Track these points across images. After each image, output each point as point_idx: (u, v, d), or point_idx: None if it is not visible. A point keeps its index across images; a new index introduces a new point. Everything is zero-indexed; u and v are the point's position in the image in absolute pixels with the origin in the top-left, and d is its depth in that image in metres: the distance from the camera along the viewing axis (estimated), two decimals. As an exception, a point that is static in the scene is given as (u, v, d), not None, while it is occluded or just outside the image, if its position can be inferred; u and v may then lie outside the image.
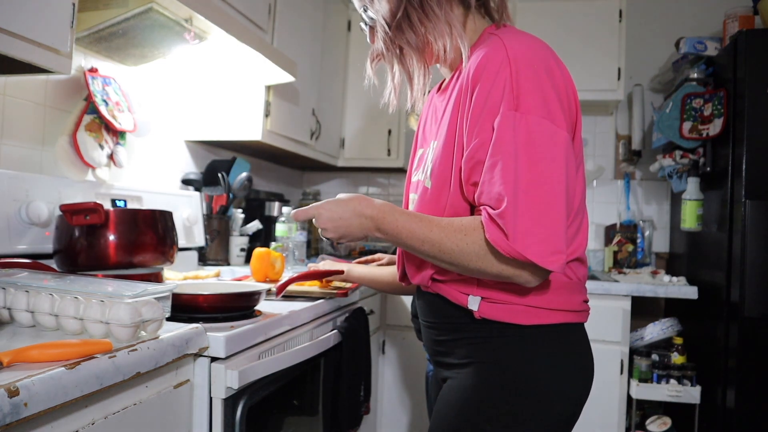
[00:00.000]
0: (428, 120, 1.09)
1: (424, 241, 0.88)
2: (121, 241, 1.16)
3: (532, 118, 0.82)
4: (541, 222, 0.80)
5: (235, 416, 1.01)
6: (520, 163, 0.81)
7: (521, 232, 0.79)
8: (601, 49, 2.54)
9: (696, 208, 2.26)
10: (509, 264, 0.83)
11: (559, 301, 0.92)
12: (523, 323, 0.90)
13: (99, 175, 1.62)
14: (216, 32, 1.48)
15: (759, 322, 1.90)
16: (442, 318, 0.99)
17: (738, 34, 2.03)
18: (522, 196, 0.80)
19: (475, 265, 0.85)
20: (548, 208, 0.80)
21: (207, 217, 2.03)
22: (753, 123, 1.95)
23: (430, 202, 0.96)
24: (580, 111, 0.92)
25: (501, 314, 0.91)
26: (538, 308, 0.90)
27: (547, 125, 0.82)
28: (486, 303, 0.91)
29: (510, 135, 0.82)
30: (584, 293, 0.98)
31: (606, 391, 2.15)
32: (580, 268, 0.97)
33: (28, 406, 0.61)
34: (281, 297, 1.36)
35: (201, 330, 0.95)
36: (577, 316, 0.96)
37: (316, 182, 3.30)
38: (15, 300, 0.88)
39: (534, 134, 0.82)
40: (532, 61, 0.85)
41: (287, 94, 2.19)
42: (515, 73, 0.83)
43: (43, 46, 1.03)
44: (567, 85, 0.88)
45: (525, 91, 0.83)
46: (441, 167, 0.94)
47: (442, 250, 0.87)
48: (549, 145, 0.82)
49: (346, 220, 0.94)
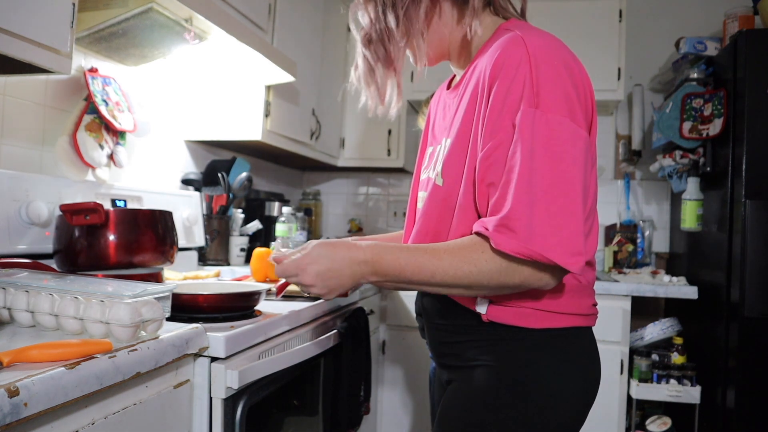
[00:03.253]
0: (437, 117, 1.07)
1: (434, 273, 0.83)
2: (121, 241, 1.16)
3: (553, 117, 0.79)
4: (561, 223, 0.77)
5: (235, 416, 1.01)
6: (538, 164, 0.78)
7: (540, 234, 0.76)
8: (601, 49, 2.54)
9: (696, 208, 2.26)
10: (531, 269, 0.79)
11: (569, 304, 0.90)
12: (532, 327, 0.88)
13: (99, 175, 1.62)
14: (216, 32, 1.48)
15: (759, 322, 1.90)
16: (449, 320, 0.97)
17: (738, 34, 2.03)
18: (541, 196, 0.77)
19: (496, 282, 0.81)
20: (568, 209, 0.78)
21: (207, 217, 2.03)
22: (753, 123, 1.95)
23: (443, 200, 0.92)
24: (596, 110, 0.90)
25: (510, 317, 0.89)
26: (547, 312, 0.88)
27: (567, 123, 0.80)
28: (494, 306, 0.89)
29: (529, 133, 0.79)
30: (593, 296, 0.97)
31: (606, 391, 2.15)
32: (590, 271, 0.95)
33: (28, 406, 0.61)
34: (281, 297, 1.36)
35: (201, 330, 0.95)
36: (586, 320, 0.94)
37: (316, 182, 3.30)
38: (15, 300, 0.88)
39: (555, 133, 0.79)
40: (551, 57, 0.82)
41: (287, 94, 2.19)
42: (535, 69, 0.80)
43: (43, 46, 1.03)
44: (585, 84, 0.86)
45: (546, 89, 0.80)
46: (454, 165, 0.90)
47: (458, 276, 0.82)
48: (569, 144, 0.79)
49: (336, 272, 0.86)
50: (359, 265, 0.86)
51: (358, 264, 0.86)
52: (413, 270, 0.83)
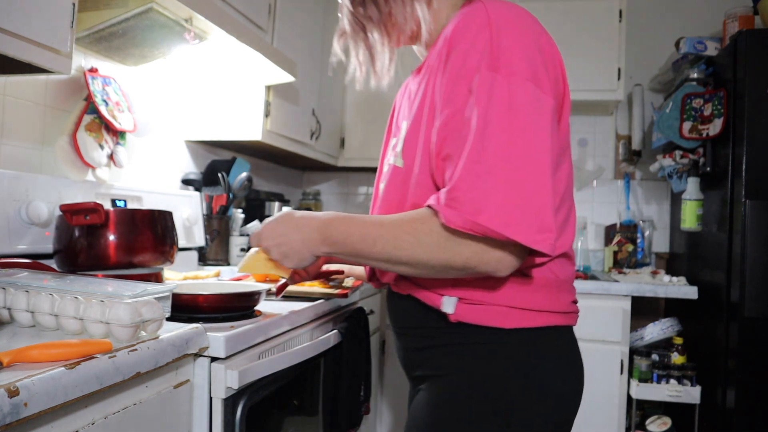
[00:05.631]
0: (403, 106, 1.00)
1: (376, 240, 0.77)
2: (121, 241, 1.16)
3: (515, 80, 0.71)
4: (524, 194, 0.68)
5: (235, 416, 1.01)
6: (495, 130, 0.70)
7: (494, 207, 0.68)
8: (601, 49, 2.55)
9: (696, 208, 2.26)
10: (478, 247, 0.71)
11: (545, 301, 0.82)
12: (504, 326, 0.80)
13: (99, 175, 1.62)
14: (216, 32, 1.48)
15: (759, 322, 1.90)
16: (414, 323, 0.89)
17: (738, 34, 2.03)
18: (498, 166, 0.69)
19: (437, 259, 0.73)
20: (532, 180, 0.69)
21: (207, 217, 2.03)
22: (753, 123, 1.95)
23: (404, 182, 0.85)
24: (569, 92, 0.82)
25: (479, 317, 0.80)
26: (521, 309, 0.80)
27: (531, 88, 0.72)
28: (463, 304, 0.81)
29: (485, 98, 0.71)
30: (572, 293, 0.88)
31: (606, 391, 2.15)
32: (567, 265, 0.87)
33: (28, 406, 0.61)
34: (281, 297, 1.36)
35: (201, 330, 0.95)
36: (565, 318, 0.85)
37: (316, 182, 3.30)
38: (15, 300, 0.88)
39: (516, 97, 0.71)
40: (515, 23, 0.75)
41: (287, 94, 2.19)
42: (496, 33, 0.73)
43: (43, 46, 1.03)
44: (554, 56, 0.78)
45: (507, 52, 0.72)
46: (413, 143, 0.84)
47: (398, 246, 0.75)
48: (533, 110, 0.71)
49: (286, 236, 0.85)
50: (311, 231, 0.83)
51: (310, 229, 0.83)
52: (358, 237, 0.79)
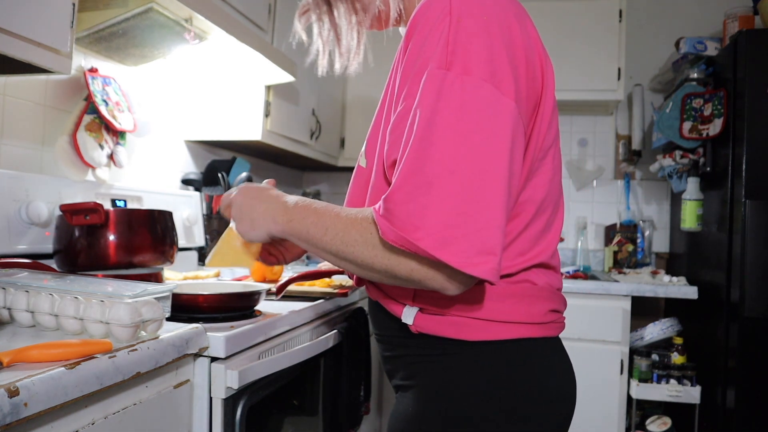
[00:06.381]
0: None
1: (328, 229, 0.71)
2: (121, 241, 1.16)
3: (470, 80, 0.63)
4: (465, 212, 0.61)
5: (235, 416, 1.01)
6: (438, 136, 0.63)
7: (424, 223, 0.61)
8: (601, 49, 2.55)
9: (696, 208, 2.26)
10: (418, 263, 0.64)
11: (515, 311, 0.74)
12: (466, 338, 0.73)
13: (99, 175, 1.62)
14: (216, 32, 1.48)
15: (759, 322, 1.90)
16: (384, 331, 0.84)
17: (738, 34, 2.03)
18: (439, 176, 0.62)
19: (381, 265, 0.67)
20: (477, 194, 0.61)
21: (207, 217, 2.03)
22: (753, 123, 1.95)
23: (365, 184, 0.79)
24: (552, 84, 0.75)
25: (441, 328, 0.74)
26: (484, 320, 0.73)
27: (487, 90, 0.63)
28: (423, 315, 0.75)
29: (431, 100, 0.64)
30: (554, 301, 0.78)
31: (606, 391, 2.15)
32: (546, 273, 0.78)
33: (28, 406, 0.61)
34: (281, 297, 1.36)
35: (201, 330, 0.95)
36: (542, 329, 0.76)
37: (316, 182, 3.30)
38: (15, 300, 0.88)
39: (468, 100, 0.63)
40: (480, 11, 0.66)
41: (287, 94, 2.19)
42: (456, 22, 0.65)
43: (43, 46, 1.03)
44: (531, 51, 0.70)
45: (464, 46, 0.64)
46: (373, 141, 0.78)
47: (346, 241, 0.69)
48: (487, 114, 0.63)
49: (252, 206, 0.81)
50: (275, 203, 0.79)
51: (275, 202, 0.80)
52: (313, 220, 0.73)
